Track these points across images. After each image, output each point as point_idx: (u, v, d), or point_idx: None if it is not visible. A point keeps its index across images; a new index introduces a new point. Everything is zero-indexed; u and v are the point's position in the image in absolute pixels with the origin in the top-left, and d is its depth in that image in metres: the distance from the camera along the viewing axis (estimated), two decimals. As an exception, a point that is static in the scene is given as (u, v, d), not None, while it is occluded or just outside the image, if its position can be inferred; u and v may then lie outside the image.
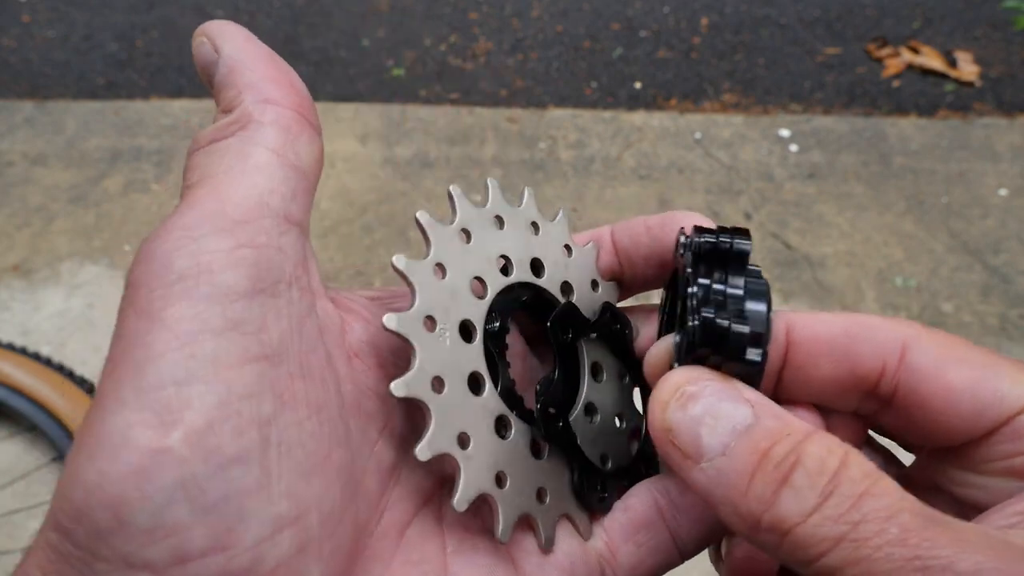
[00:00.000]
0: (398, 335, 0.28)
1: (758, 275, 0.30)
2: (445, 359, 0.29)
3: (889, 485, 0.24)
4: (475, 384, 0.30)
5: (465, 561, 0.30)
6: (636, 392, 0.37)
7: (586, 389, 0.35)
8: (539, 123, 2.11)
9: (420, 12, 2.53)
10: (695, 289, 0.29)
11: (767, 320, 0.27)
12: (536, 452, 0.32)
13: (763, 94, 2.23)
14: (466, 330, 0.31)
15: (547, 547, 0.31)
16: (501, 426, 0.31)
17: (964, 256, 1.79)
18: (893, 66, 2.27)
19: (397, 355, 0.31)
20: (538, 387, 0.32)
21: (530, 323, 0.36)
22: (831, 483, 0.24)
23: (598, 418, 0.35)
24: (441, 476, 0.31)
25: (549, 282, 0.35)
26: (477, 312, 0.31)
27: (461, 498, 0.28)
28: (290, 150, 0.27)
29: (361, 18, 2.50)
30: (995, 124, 2.08)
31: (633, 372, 0.37)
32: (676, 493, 0.32)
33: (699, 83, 2.27)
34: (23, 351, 1.43)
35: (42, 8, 2.56)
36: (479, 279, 0.32)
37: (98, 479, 0.21)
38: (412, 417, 0.31)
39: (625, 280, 0.37)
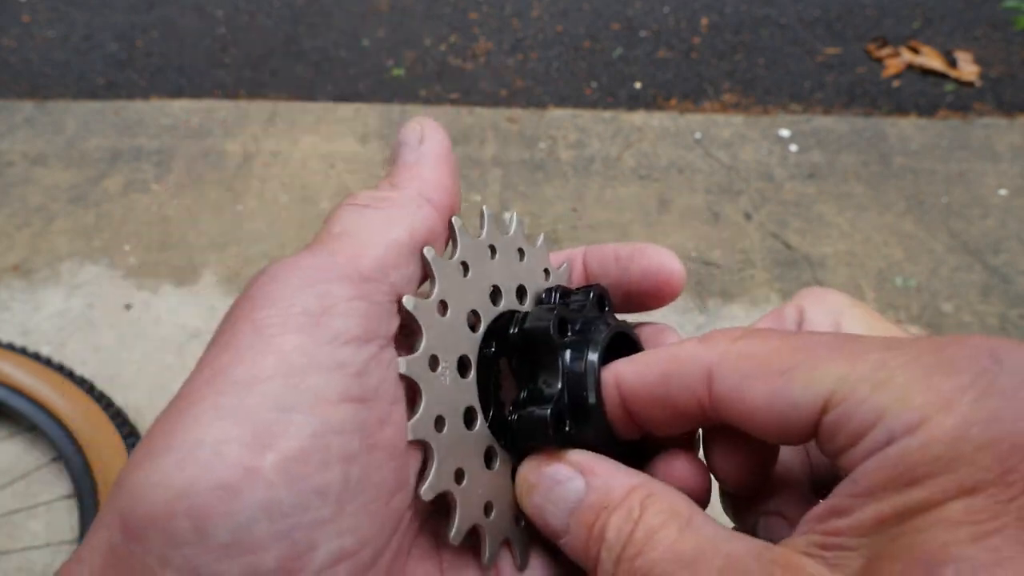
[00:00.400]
0: (409, 379, 0.29)
1: (580, 342, 0.32)
2: (445, 397, 0.30)
3: (664, 537, 0.25)
4: (469, 418, 0.31)
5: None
6: None
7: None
8: (539, 123, 2.11)
9: (420, 12, 2.53)
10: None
11: (567, 398, 0.31)
12: (515, 478, 0.33)
13: (763, 94, 2.23)
14: (463, 365, 0.31)
15: (522, 567, 0.32)
16: (489, 457, 0.32)
17: (964, 256, 1.79)
18: (893, 66, 2.27)
19: None
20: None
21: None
22: (622, 555, 0.26)
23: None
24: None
25: (529, 307, 0.36)
26: (472, 346, 0.32)
27: (456, 533, 0.29)
28: (423, 243, 0.30)
29: (361, 18, 2.50)
30: (995, 124, 2.08)
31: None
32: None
33: (699, 83, 2.27)
34: (23, 351, 1.43)
35: (42, 8, 2.56)
36: (474, 312, 0.32)
37: (185, 487, 0.22)
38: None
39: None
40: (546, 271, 0.37)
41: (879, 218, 1.87)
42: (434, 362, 0.30)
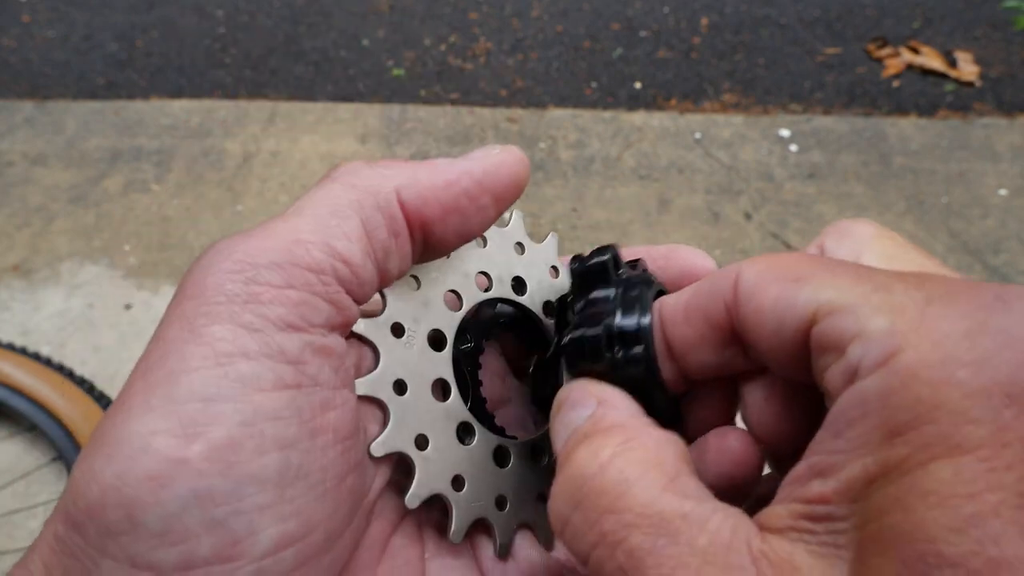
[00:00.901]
0: (363, 339, 0.29)
1: (635, 281, 0.31)
2: (410, 364, 0.30)
3: (639, 490, 0.22)
4: (440, 390, 0.31)
5: (440, 564, 0.31)
6: None
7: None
8: (539, 123, 2.11)
9: (420, 12, 2.53)
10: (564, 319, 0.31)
11: (629, 318, 0.29)
12: (500, 461, 0.32)
13: (763, 94, 2.23)
14: (436, 339, 0.32)
15: (501, 554, 0.32)
16: (464, 432, 0.32)
17: (964, 256, 1.79)
18: (893, 66, 2.27)
19: None
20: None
21: (512, 343, 0.37)
22: (579, 493, 0.23)
23: None
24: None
25: (530, 300, 0.35)
26: (449, 323, 0.32)
27: (413, 495, 0.29)
28: (379, 242, 0.28)
29: (361, 18, 2.50)
30: (995, 124, 2.08)
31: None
32: None
33: (699, 83, 2.27)
34: (23, 351, 1.43)
35: (42, 8, 2.56)
36: (454, 292, 0.33)
37: (115, 480, 0.22)
38: None
39: None
40: (554, 268, 0.36)
41: (879, 218, 1.87)
42: (397, 329, 0.30)
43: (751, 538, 0.21)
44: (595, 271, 0.31)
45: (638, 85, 2.27)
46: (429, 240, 0.30)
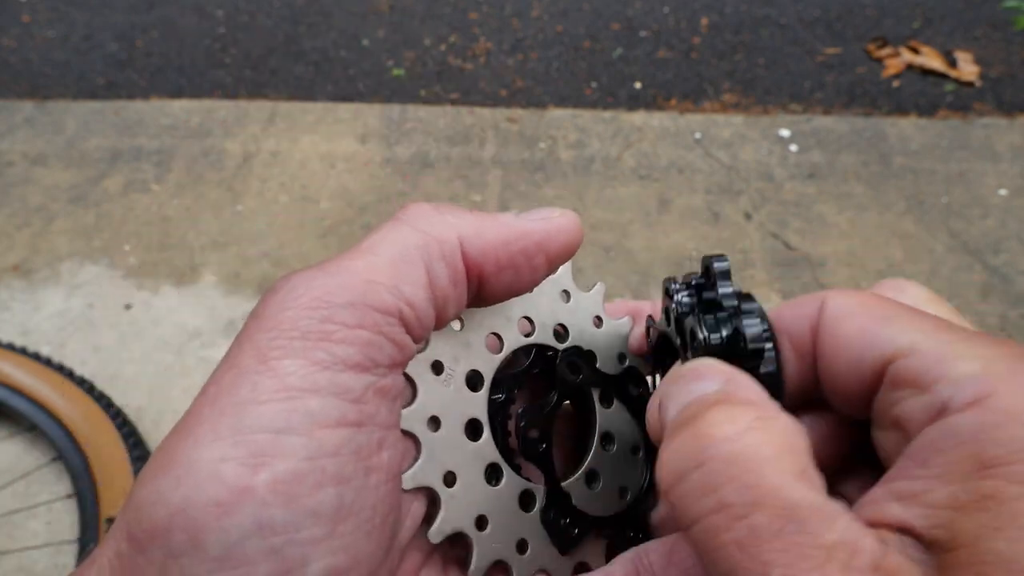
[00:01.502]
0: (405, 375, 0.30)
1: (748, 298, 0.31)
2: (445, 401, 0.31)
3: (772, 471, 0.22)
4: (473, 430, 0.32)
5: None
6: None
7: (591, 455, 0.35)
8: (539, 123, 2.11)
9: (420, 12, 2.53)
10: (690, 308, 0.31)
11: (764, 327, 0.29)
12: (525, 506, 0.33)
13: (763, 94, 2.23)
14: (474, 379, 0.32)
15: None
16: (492, 473, 0.32)
17: (964, 256, 1.79)
18: (893, 66, 2.27)
19: None
20: (521, 410, 0.33)
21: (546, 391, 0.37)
22: (704, 454, 0.23)
23: (599, 486, 0.35)
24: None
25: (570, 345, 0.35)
26: (488, 365, 0.33)
27: (437, 530, 0.30)
28: (439, 286, 0.29)
29: (361, 18, 2.50)
30: (995, 124, 2.08)
31: (648, 446, 0.36)
32: (659, 564, 0.31)
33: (699, 83, 2.27)
34: (23, 351, 1.43)
35: (42, 8, 2.56)
36: (496, 335, 0.33)
37: (183, 504, 0.23)
38: None
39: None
40: (598, 319, 0.36)
41: (879, 218, 1.87)
42: (437, 367, 0.31)
43: (874, 547, 0.22)
44: (724, 271, 0.31)
45: (638, 85, 2.27)
46: (482, 291, 0.31)
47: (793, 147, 2.04)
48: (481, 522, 0.31)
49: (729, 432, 0.23)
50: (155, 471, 0.24)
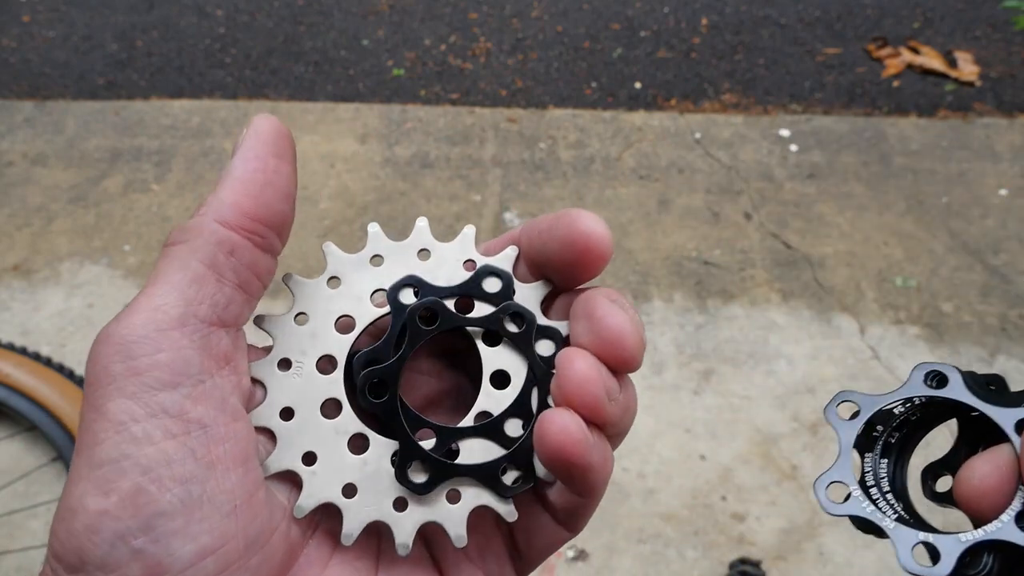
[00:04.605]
0: (254, 379, 0.34)
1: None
2: (297, 391, 0.34)
3: None
4: (331, 409, 0.35)
5: (390, 563, 0.36)
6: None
7: (480, 397, 0.35)
8: (539, 123, 2.12)
9: (420, 12, 2.53)
10: None
11: None
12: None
13: (763, 94, 2.23)
14: (325, 363, 0.35)
15: (402, 552, 0.34)
16: (359, 443, 0.34)
17: (964, 256, 1.79)
18: (893, 66, 2.27)
19: None
20: (358, 356, 0.34)
21: (440, 341, 0.37)
22: None
23: (494, 429, 0.36)
24: None
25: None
26: (340, 346, 0.35)
27: (299, 506, 0.33)
28: (228, 268, 0.33)
29: (361, 18, 2.50)
30: (995, 124, 2.08)
31: (536, 375, 0.36)
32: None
33: (699, 83, 2.27)
34: (23, 351, 1.43)
35: (42, 8, 2.56)
36: (347, 316, 0.36)
37: (66, 535, 0.30)
38: None
39: (552, 278, 0.37)
40: (471, 261, 0.37)
41: (879, 218, 1.87)
42: (284, 363, 0.35)
43: None
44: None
45: (638, 85, 2.27)
46: (281, 236, 0.35)
47: (793, 147, 2.04)
48: (349, 490, 0.34)
49: None
50: (57, 510, 0.31)
